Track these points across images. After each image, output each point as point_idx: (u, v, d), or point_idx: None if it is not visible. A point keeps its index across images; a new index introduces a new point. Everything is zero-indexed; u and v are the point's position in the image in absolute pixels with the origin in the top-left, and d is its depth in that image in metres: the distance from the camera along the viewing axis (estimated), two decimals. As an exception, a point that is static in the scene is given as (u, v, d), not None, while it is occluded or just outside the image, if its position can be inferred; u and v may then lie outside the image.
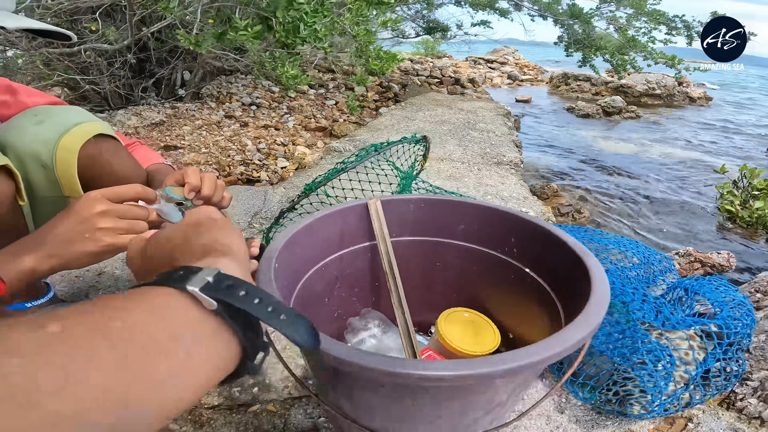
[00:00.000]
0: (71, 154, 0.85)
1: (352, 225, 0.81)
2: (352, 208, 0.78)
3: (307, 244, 0.74)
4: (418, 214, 0.83)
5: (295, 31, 1.70)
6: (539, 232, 0.74)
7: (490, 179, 2.09)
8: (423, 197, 0.83)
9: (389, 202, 0.81)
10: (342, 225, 0.80)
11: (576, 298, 0.64)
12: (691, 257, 2.06)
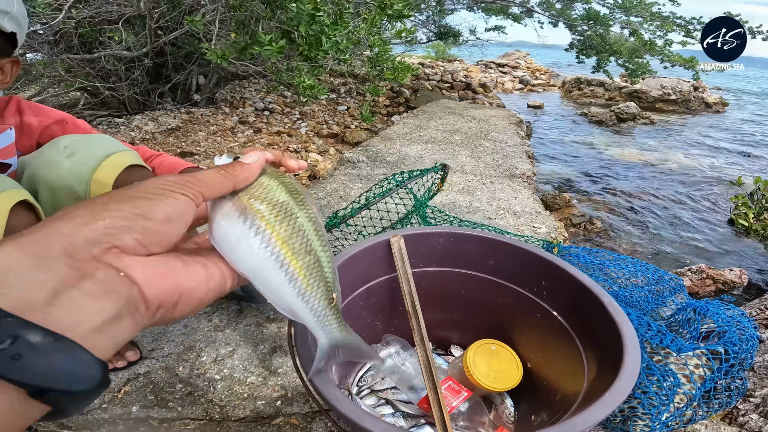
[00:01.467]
0: (105, 187, 0.88)
1: (378, 260, 0.87)
2: (377, 245, 0.84)
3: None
4: (447, 247, 0.88)
5: (318, 44, 1.76)
6: (575, 282, 0.78)
7: (502, 193, 2.14)
8: (453, 231, 0.88)
9: (417, 235, 0.86)
10: (369, 261, 0.85)
11: (603, 355, 0.68)
12: (703, 274, 2.10)
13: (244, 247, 0.37)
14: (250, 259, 0.37)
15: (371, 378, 1.07)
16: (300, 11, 1.63)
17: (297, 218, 0.40)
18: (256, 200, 0.38)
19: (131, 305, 0.30)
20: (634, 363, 0.60)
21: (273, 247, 0.38)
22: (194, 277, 0.35)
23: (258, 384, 1.13)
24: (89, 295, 0.28)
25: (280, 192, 0.40)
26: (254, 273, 0.38)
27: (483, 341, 0.94)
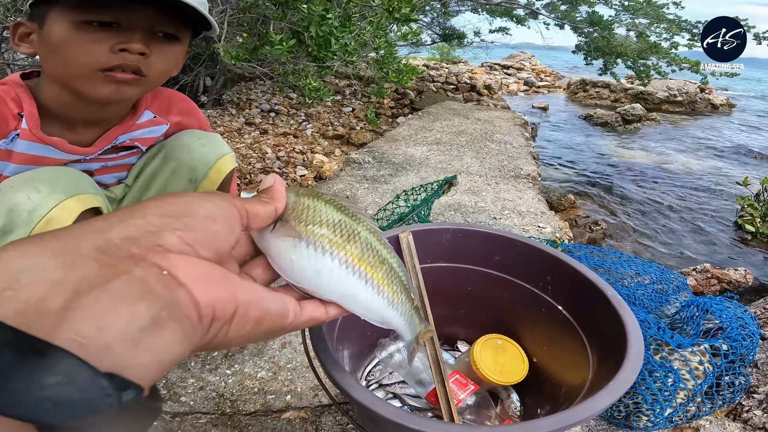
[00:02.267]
0: (221, 175, 1.08)
1: None
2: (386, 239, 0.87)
3: None
4: (454, 243, 0.90)
5: (327, 45, 1.80)
6: (579, 277, 0.80)
7: (507, 193, 2.16)
8: (460, 227, 0.90)
9: (425, 230, 0.89)
10: None
11: (606, 347, 0.71)
12: (708, 273, 2.11)
13: (326, 277, 0.37)
14: (335, 284, 0.37)
15: (379, 372, 1.10)
16: (311, 12, 1.66)
17: (360, 233, 0.39)
18: (315, 225, 0.38)
19: (176, 310, 0.25)
20: (637, 353, 0.62)
21: (353, 267, 0.38)
22: (252, 291, 0.31)
23: (268, 379, 1.16)
24: (119, 296, 0.23)
25: (332, 211, 0.39)
26: (343, 297, 0.38)
27: (489, 336, 0.97)
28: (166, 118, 1.06)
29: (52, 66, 0.81)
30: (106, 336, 0.22)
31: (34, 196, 0.79)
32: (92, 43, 0.75)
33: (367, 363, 1.09)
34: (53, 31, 0.76)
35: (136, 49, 0.76)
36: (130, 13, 0.75)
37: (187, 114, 1.12)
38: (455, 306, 1.02)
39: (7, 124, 0.84)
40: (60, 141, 0.88)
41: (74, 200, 0.80)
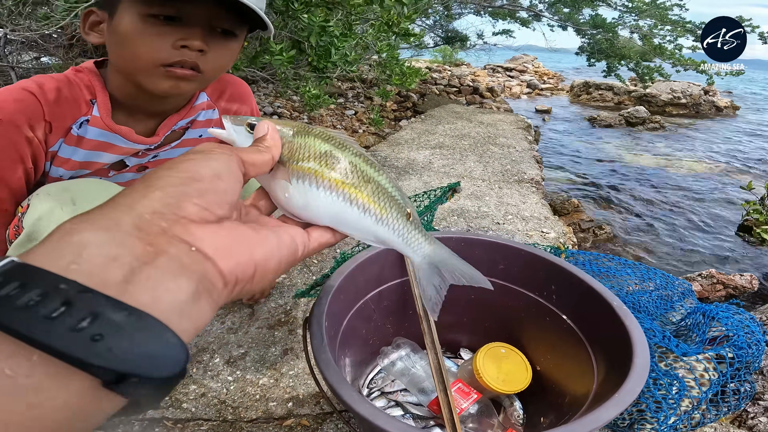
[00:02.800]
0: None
1: (390, 264, 0.90)
2: (388, 250, 0.87)
3: (350, 290, 0.83)
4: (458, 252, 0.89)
5: (327, 56, 1.80)
6: (584, 287, 0.80)
7: (511, 198, 2.16)
8: (463, 236, 0.90)
9: (430, 240, 0.88)
10: (381, 265, 0.88)
11: (611, 357, 0.71)
12: (714, 279, 2.10)
13: (314, 206, 0.41)
14: (325, 212, 0.41)
15: (382, 380, 1.10)
16: (311, 22, 1.67)
17: (343, 158, 0.42)
18: (304, 161, 0.41)
19: (207, 282, 0.28)
20: (643, 363, 0.62)
21: (336, 191, 0.41)
22: (266, 245, 0.34)
23: (270, 386, 1.16)
24: (166, 272, 0.26)
25: (318, 144, 0.42)
26: (333, 220, 0.42)
27: (492, 344, 0.96)
28: (216, 104, 1.08)
29: (118, 57, 0.84)
30: (160, 305, 0.25)
31: (66, 208, 0.81)
32: (157, 36, 0.78)
33: (369, 370, 1.09)
34: (122, 22, 0.79)
35: (195, 46, 0.79)
36: (192, 8, 0.78)
37: (239, 100, 1.12)
38: (459, 313, 1.02)
39: (79, 108, 0.87)
40: (128, 130, 0.92)
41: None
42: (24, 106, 0.81)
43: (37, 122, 0.83)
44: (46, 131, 0.85)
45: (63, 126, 0.87)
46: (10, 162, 0.82)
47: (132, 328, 0.22)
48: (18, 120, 0.81)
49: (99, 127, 0.89)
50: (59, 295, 0.22)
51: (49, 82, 0.85)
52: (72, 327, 0.21)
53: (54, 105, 0.84)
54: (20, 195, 0.87)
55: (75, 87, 0.87)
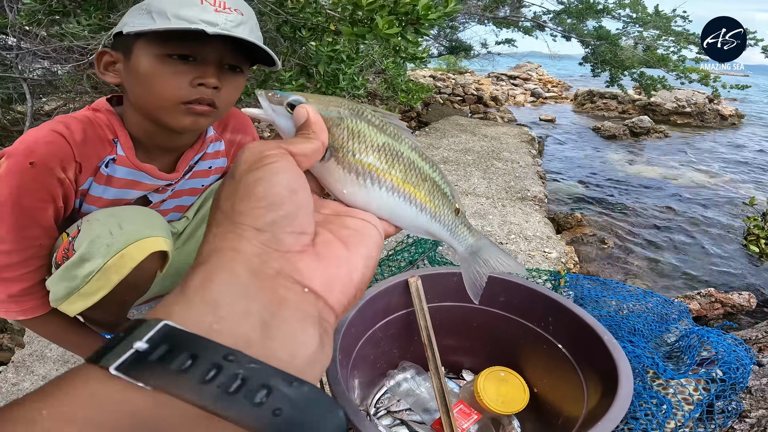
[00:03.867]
0: None
1: (397, 297, 0.99)
2: (396, 284, 0.95)
3: (360, 322, 0.92)
4: (461, 285, 0.97)
5: (335, 82, 1.88)
6: (578, 321, 0.88)
7: (514, 216, 2.23)
8: None
9: (434, 275, 0.97)
10: (389, 298, 0.97)
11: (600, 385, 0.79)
12: (712, 297, 2.16)
13: (375, 204, 0.41)
14: (384, 207, 0.42)
15: (388, 400, 1.17)
16: (319, 51, 1.75)
17: (403, 153, 0.42)
18: (361, 154, 0.40)
19: (325, 323, 0.29)
20: (626, 394, 0.70)
21: (398, 190, 0.42)
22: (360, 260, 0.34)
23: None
24: (294, 324, 0.27)
25: (375, 134, 0.41)
26: (391, 216, 0.42)
27: (492, 369, 1.04)
28: (222, 135, 1.15)
29: (138, 97, 0.90)
30: (298, 361, 0.26)
31: (115, 232, 0.88)
32: (174, 75, 0.84)
33: (376, 391, 1.16)
34: (140, 63, 0.85)
35: (211, 84, 0.86)
36: (204, 48, 0.85)
37: (242, 130, 1.19)
38: (461, 339, 1.09)
39: (104, 148, 0.93)
40: (152, 168, 0.98)
41: (148, 241, 0.90)
42: (56, 149, 0.87)
43: (69, 163, 0.89)
44: (76, 171, 0.91)
45: (91, 165, 0.93)
46: (42, 203, 0.88)
47: (306, 403, 0.23)
48: (51, 162, 0.86)
49: (126, 166, 0.96)
50: (232, 368, 0.22)
51: (74, 123, 0.90)
52: (253, 401, 0.22)
53: (82, 146, 0.90)
54: (51, 231, 0.93)
55: (97, 127, 0.93)
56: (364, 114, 0.42)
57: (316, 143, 0.37)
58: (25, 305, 0.94)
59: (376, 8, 1.21)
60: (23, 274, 0.92)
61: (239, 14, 0.86)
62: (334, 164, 0.40)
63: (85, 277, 0.88)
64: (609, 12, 6.05)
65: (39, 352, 1.40)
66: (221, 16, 0.83)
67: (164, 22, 0.81)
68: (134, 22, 0.84)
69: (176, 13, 0.81)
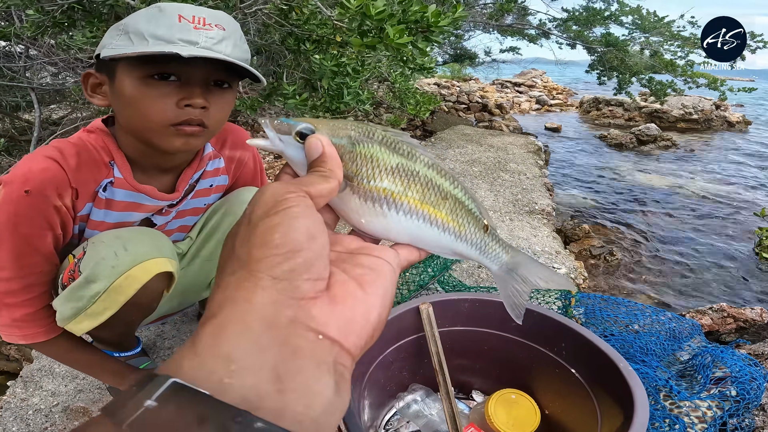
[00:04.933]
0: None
1: (407, 322, 1.00)
2: (407, 311, 0.97)
3: (373, 348, 0.92)
4: (472, 311, 0.99)
5: (339, 96, 1.89)
6: (592, 347, 0.89)
7: (522, 231, 2.23)
8: (478, 297, 0.99)
9: (445, 301, 0.98)
10: (400, 324, 0.98)
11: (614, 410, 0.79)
12: (724, 312, 2.15)
13: (394, 231, 0.40)
14: (405, 232, 0.40)
15: (397, 421, 1.17)
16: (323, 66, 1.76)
17: (419, 172, 0.40)
18: (375, 180, 0.39)
19: (341, 367, 0.29)
20: (641, 423, 0.70)
21: (416, 212, 0.40)
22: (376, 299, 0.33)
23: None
24: (308, 374, 0.27)
25: (387, 155, 0.40)
26: (413, 240, 0.41)
27: (503, 391, 1.04)
28: (221, 152, 1.15)
29: (127, 119, 0.89)
30: (313, 412, 0.26)
31: (120, 254, 0.89)
32: (160, 98, 0.83)
33: (385, 412, 1.16)
34: (124, 86, 0.84)
35: (198, 104, 0.85)
36: (187, 67, 0.84)
37: (241, 146, 1.19)
38: (471, 360, 1.10)
39: (99, 171, 0.93)
40: (151, 189, 0.98)
41: (153, 263, 0.91)
42: (51, 176, 0.86)
43: (64, 190, 0.89)
44: (72, 197, 0.91)
45: (88, 190, 0.93)
46: (40, 230, 0.89)
47: None
48: (46, 190, 0.86)
49: (125, 188, 0.96)
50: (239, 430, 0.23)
51: (68, 148, 0.90)
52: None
53: (77, 171, 0.89)
54: (51, 258, 0.94)
55: (92, 150, 0.92)
56: (374, 136, 0.40)
57: (333, 183, 0.36)
58: (27, 331, 0.95)
59: (385, 17, 1.22)
60: (25, 300, 0.93)
61: (221, 30, 0.84)
62: (350, 194, 0.39)
63: (91, 297, 0.89)
64: (616, 19, 6.07)
65: (47, 367, 1.41)
66: (201, 33, 0.82)
67: (142, 43, 0.80)
68: (113, 44, 0.83)
69: (153, 33, 0.80)
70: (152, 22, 0.81)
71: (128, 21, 0.83)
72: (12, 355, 2.14)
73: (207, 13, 0.85)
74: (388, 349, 0.98)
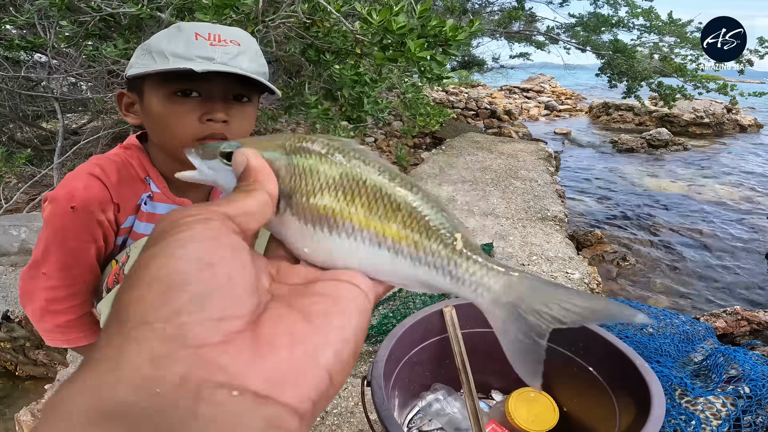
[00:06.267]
0: None
1: (432, 324, 1.07)
2: (431, 315, 1.04)
3: (398, 351, 1.00)
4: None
5: (360, 105, 1.97)
6: (610, 346, 0.94)
7: (535, 237, 2.29)
8: None
9: (467, 304, 1.04)
10: (424, 326, 1.05)
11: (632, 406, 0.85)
12: (738, 315, 2.19)
13: (341, 256, 0.32)
14: (351, 260, 0.32)
15: (420, 419, 1.23)
16: (343, 75, 1.84)
17: (366, 182, 0.33)
18: (315, 196, 0.32)
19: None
20: (659, 415, 0.76)
21: (360, 232, 0.32)
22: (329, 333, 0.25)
23: (317, 423, 1.30)
24: None
25: (328, 166, 0.33)
26: (363, 268, 0.32)
27: (522, 390, 1.10)
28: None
29: (157, 136, 0.95)
30: None
31: None
32: (184, 113, 0.88)
33: (408, 410, 1.23)
34: (152, 104, 0.89)
35: (219, 119, 0.89)
36: (206, 83, 0.88)
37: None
38: (491, 362, 1.16)
39: (138, 187, 0.99)
40: (188, 201, 1.04)
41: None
42: (94, 193, 0.92)
43: (107, 205, 0.94)
44: (115, 212, 0.97)
45: (130, 204, 0.98)
46: (85, 243, 0.94)
47: None
48: (91, 206, 0.91)
49: (165, 202, 1.01)
50: None
51: (108, 165, 0.96)
52: None
53: (118, 187, 0.95)
54: (94, 269, 1.00)
55: (130, 167, 0.98)
56: (313, 145, 0.34)
57: (261, 195, 0.30)
58: (70, 335, 1.02)
59: (406, 32, 1.29)
60: (69, 307, 0.99)
61: (236, 45, 0.89)
62: (290, 216, 0.33)
63: None
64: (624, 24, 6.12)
65: (83, 373, 1.49)
66: (217, 50, 0.87)
67: (163, 61, 0.85)
68: (138, 64, 0.89)
69: (173, 51, 0.86)
70: (172, 41, 0.87)
71: (152, 41, 0.89)
72: (40, 360, 2.22)
73: (222, 30, 0.91)
74: (413, 350, 1.04)
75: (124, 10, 1.60)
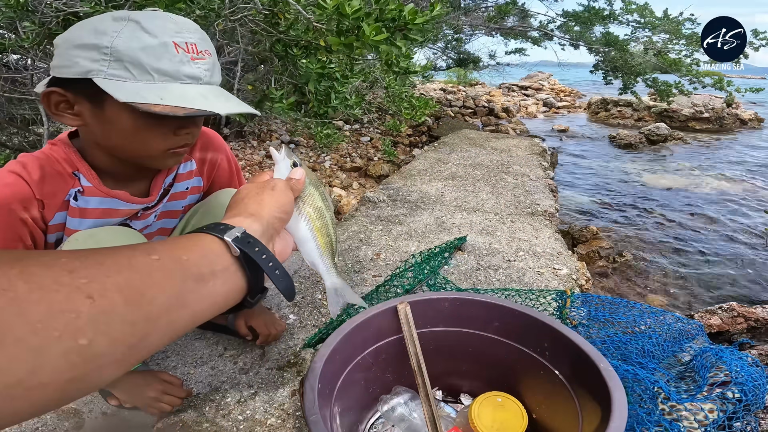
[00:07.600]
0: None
1: (386, 323, 0.98)
2: (385, 311, 0.94)
3: (347, 349, 0.91)
4: (453, 310, 0.96)
5: (327, 101, 1.89)
6: (574, 347, 0.86)
7: (523, 233, 2.19)
8: (458, 296, 0.97)
9: (423, 300, 0.95)
10: (378, 325, 0.96)
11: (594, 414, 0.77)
12: (734, 312, 2.08)
13: (300, 231, 0.72)
14: (300, 235, 0.72)
15: (382, 425, 1.14)
16: (309, 69, 1.76)
17: (326, 216, 0.74)
18: (308, 206, 0.72)
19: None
20: (617, 426, 0.67)
21: (313, 231, 0.73)
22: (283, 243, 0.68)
23: (277, 426, 1.21)
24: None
25: (319, 200, 0.74)
26: (300, 242, 0.72)
27: (489, 394, 1.01)
28: (191, 155, 1.17)
29: (116, 146, 0.90)
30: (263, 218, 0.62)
31: None
32: (162, 128, 0.87)
33: (370, 416, 1.14)
34: (121, 119, 0.83)
35: (196, 133, 0.94)
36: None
37: (212, 148, 1.21)
38: (457, 362, 1.07)
39: (65, 182, 0.94)
40: (123, 193, 1.00)
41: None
42: (15, 190, 0.87)
43: (30, 203, 0.90)
44: (39, 209, 0.92)
45: (56, 201, 0.94)
46: (11, 243, 0.90)
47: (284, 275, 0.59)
48: (12, 204, 0.87)
49: (97, 196, 0.97)
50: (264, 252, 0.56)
51: (31, 161, 0.91)
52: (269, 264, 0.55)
53: (41, 183, 0.90)
54: None
55: (55, 162, 0.93)
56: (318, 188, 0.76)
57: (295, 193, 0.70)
58: None
59: (361, 16, 1.22)
60: None
61: (208, 55, 0.86)
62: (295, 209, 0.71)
63: None
64: (615, 18, 6.00)
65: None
66: (200, 66, 0.83)
67: (144, 75, 0.79)
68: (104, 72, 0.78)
69: (156, 67, 0.79)
70: (150, 53, 0.78)
71: (118, 45, 0.77)
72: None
73: (193, 35, 0.84)
74: (367, 350, 0.95)
75: (81, 9, 1.52)
